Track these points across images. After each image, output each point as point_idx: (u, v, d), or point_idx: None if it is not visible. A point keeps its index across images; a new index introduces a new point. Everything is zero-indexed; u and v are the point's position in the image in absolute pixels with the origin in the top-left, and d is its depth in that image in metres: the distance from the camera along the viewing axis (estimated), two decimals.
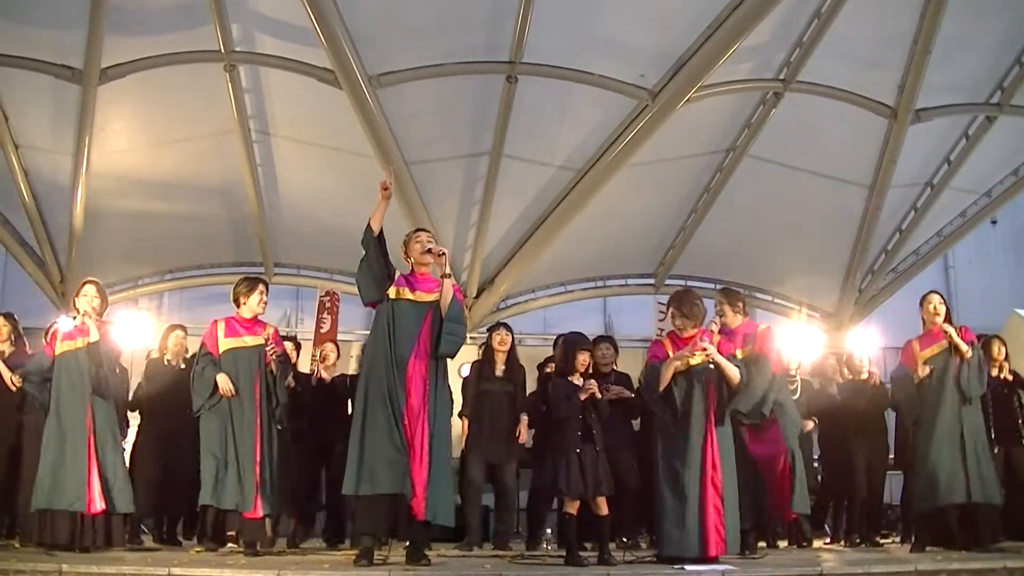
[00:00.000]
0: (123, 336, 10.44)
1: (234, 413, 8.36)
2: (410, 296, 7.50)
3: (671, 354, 7.92)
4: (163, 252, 15.94)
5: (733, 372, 7.77)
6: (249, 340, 8.52)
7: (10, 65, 12.09)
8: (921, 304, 9.31)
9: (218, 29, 11.71)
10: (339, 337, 15.50)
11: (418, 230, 7.89)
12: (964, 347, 8.89)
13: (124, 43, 11.85)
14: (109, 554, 7.92)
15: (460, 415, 9.88)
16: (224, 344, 8.51)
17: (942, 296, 9.30)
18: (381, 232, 7.43)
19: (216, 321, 8.68)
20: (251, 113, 13.18)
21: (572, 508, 7.48)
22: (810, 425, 10.84)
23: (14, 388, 8.96)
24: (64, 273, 14.67)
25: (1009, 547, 8.64)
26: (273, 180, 14.44)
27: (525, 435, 10.00)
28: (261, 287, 8.69)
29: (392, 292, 7.47)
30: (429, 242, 7.67)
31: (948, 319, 9.12)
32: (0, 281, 17.25)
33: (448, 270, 7.50)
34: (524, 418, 9.95)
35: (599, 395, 7.64)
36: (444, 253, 7.53)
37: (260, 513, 8.18)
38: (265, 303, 8.64)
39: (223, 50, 12.03)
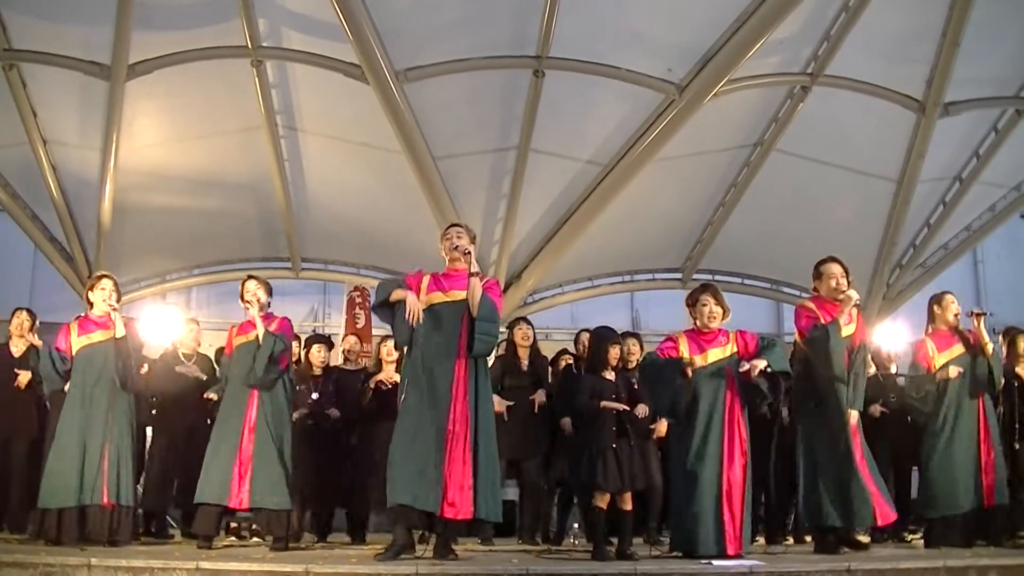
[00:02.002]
0: (152, 331, 10.51)
1: (227, 411, 8.49)
2: (443, 298, 7.47)
3: (685, 354, 7.90)
4: (191, 247, 15.98)
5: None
6: (252, 335, 8.55)
7: (38, 61, 12.17)
8: (939, 303, 9.25)
9: (245, 24, 11.75)
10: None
11: (450, 226, 7.86)
12: (991, 346, 8.86)
13: (151, 39, 11.90)
14: (137, 548, 7.96)
15: None
16: (235, 341, 8.67)
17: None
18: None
19: (232, 327, 8.84)
20: (278, 108, 13.20)
21: (602, 503, 7.48)
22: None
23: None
24: (92, 269, 14.66)
25: None
26: (300, 175, 14.46)
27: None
28: (247, 282, 8.79)
29: (425, 300, 7.45)
30: (459, 238, 7.64)
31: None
32: (29, 277, 17.35)
33: (475, 268, 7.45)
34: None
35: (619, 409, 7.65)
36: (469, 252, 7.48)
37: (244, 505, 8.22)
38: (258, 296, 8.63)
39: (250, 45, 12.06)
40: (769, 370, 7.83)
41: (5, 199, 14.41)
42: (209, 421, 9.14)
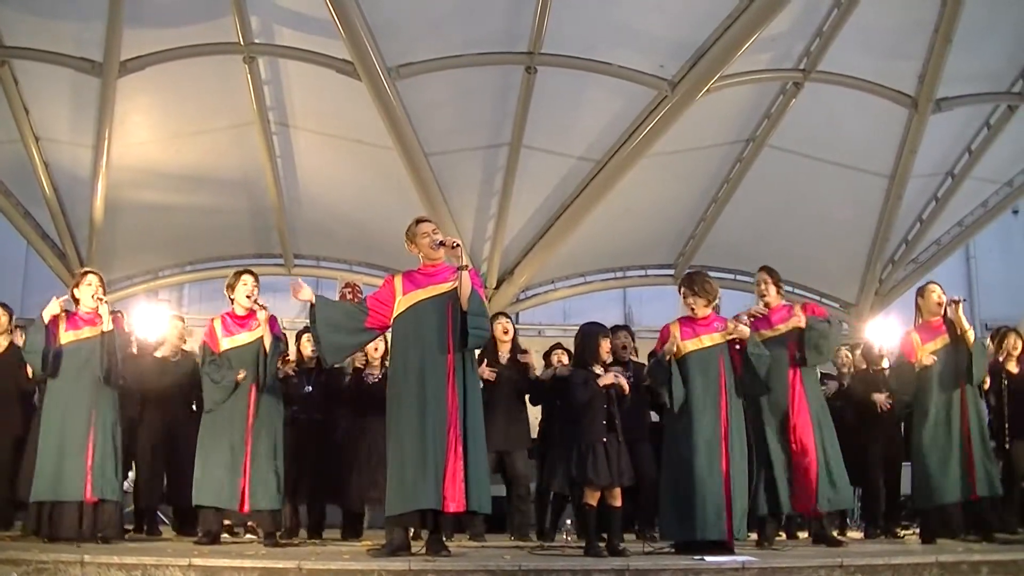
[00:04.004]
0: (144, 328, 10.48)
1: (229, 414, 8.35)
2: (425, 295, 7.44)
3: (676, 337, 7.95)
4: (183, 244, 15.98)
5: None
6: (243, 337, 8.48)
7: (31, 58, 12.18)
8: (921, 295, 9.28)
9: (237, 21, 11.76)
10: None
11: (419, 221, 7.76)
12: (971, 333, 8.88)
13: (143, 35, 11.90)
14: (130, 544, 7.95)
15: None
16: (223, 344, 8.49)
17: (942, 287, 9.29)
18: None
19: (213, 319, 8.66)
20: (270, 105, 13.21)
21: (593, 499, 7.47)
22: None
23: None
24: (85, 265, 14.65)
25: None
26: (292, 172, 14.46)
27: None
28: (245, 277, 8.63)
29: (406, 300, 7.46)
30: (436, 233, 7.59)
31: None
32: (22, 273, 17.33)
33: (465, 261, 7.43)
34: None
35: (622, 384, 7.64)
36: (458, 245, 7.46)
37: (247, 509, 8.18)
38: (249, 295, 8.54)
39: (242, 42, 12.07)
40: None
41: None
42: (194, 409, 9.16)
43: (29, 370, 9.05)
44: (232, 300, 8.62)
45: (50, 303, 8.34)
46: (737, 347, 8.04)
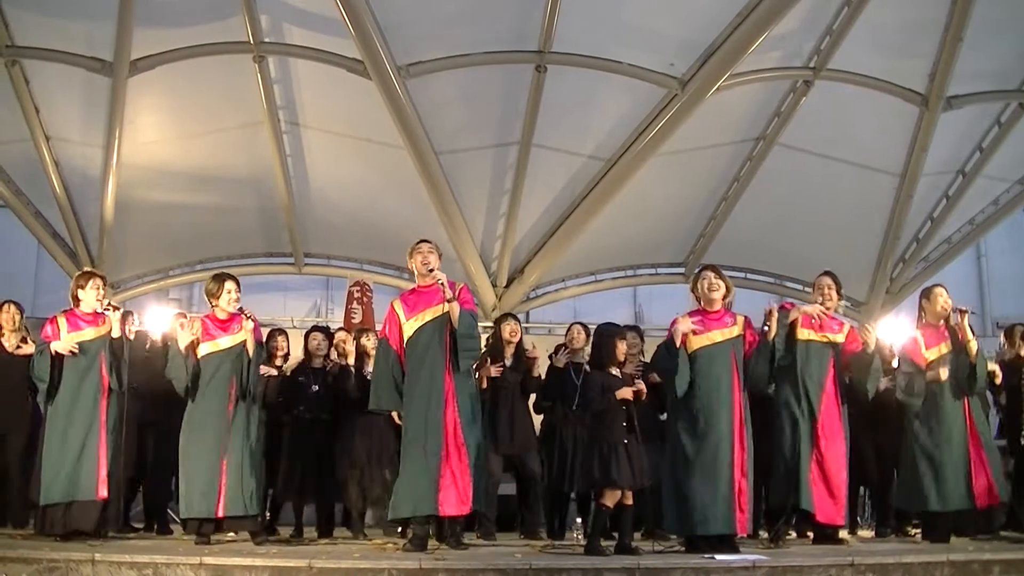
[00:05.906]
0: (154, 327, 10.47)
1: (203, 421, 8.26)
2: (423, 320, 7.86)
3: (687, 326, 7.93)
4: (193, 243, 15.99)
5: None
6: (223, 343, 8.34)
7: (41, 58, 12.20)
8: (927, 297, 9.15)
9: (247, 20, 11.76)
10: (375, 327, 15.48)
11: (420, 242, 8.12)
12: (974, 344, 8.76)
13: (153, 35, 11.92)
14: (141, 543, 7.97)
15: None
16: (201, 348, 8.31)
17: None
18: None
19: (192, 319, 8.56)
20: (280, 104, 13.22)
21: (611, 501, 7.47)
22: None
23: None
24: (95, 264, 14.67)
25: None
26: (303, 171, 14.48)
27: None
28: (227, 284, 8.41)
29: (408, 327, 7.90)
30: (430, 252, 8.00)
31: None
32: (33, 273, 17.36)
33: (449, 295, 7.72)
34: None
35: (641, 396, 7.67)
36: (442, 281, 7.75)
37: (221, 514, 8.07)
38: (231, 302, 8.36)
39: (252, 41, 12.08)
40: None
41: (8, 195, 14.44)
42: None
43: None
44: (214, 305, 8.46)
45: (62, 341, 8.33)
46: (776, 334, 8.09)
